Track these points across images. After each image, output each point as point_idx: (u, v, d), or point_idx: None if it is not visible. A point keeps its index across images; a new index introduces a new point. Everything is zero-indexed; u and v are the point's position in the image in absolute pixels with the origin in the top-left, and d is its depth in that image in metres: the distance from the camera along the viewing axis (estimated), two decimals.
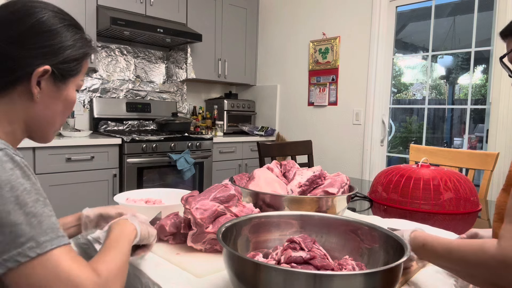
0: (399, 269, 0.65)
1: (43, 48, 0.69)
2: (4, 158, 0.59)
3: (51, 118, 0.75)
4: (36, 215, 0.58)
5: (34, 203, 0.59)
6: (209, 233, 0.92)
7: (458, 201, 1.46)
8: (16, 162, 0.60)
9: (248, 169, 3.66)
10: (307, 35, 3.61)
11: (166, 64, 3.73)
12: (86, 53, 0.76)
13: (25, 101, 0.70)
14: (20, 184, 0.58)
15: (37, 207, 0.59)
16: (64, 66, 0.72)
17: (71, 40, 0.73)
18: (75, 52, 0.73)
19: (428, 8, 2.95)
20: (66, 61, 0.72)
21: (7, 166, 0.58)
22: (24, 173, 0.60)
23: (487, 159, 1.91)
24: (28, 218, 0.57)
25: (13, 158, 0.60)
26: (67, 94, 0.75)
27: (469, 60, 2.75)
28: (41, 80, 0.70)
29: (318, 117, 3.55)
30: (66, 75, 0.73)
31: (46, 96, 0.72)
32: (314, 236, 0.85)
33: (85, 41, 0.76)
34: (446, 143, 4.18)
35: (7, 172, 0.58)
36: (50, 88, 0.72)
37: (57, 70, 0.71)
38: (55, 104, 0.74)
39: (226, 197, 0.97)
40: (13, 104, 0.70)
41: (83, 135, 2.79)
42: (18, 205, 0.57)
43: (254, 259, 0.67)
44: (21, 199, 0.58)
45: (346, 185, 1.19)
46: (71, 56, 0.73)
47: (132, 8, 3.07)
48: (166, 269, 0.87)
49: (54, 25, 0.70)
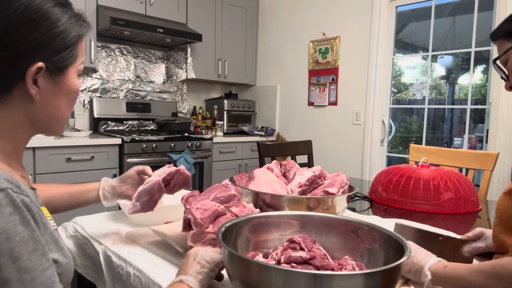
0: (399, 269, 0.65)
1: (31, 42, 0.60)
2: (4, 201, 0.53)
3: (57, 114, 0.69)
4: (30, 270, 0.53)
5: (30, 255, 0.54)
6: (209, 233, 0.92)
7: (458, 201, 1.46)
8: (17, 206, 0.54)
9: (248, 169, 3.66)
10: (307, 35, 3.61)
11: (166, 64, 3.73)
12: (79, 36, 0.67)
13: (25, 104, 0.64)
14: (17, 233, 0.53)
15: (32, 259, 0.54)
16: (58, 57, 0.64)
17: (60, 25, 0.63)
18: (67, 38, 0.64)
19: (428, 8, 2.95)
20: (59, 50, 0.64)
21: (6, 211, 0.53)
22: (24, 219, 0.54)
23: (487, 159, 1.91)
24: (20, 274, 0.52)
25: (14, 201, 0.54)
26: (68, 84, 0.68)
27: (469, 60, 2.74)
28: (37, 78, 0.62)
29: (318, 117, 3.55)
30: (62, 66, 0.65)
31: (46, 94, 0.65)
32: (314, 236, 0.85)
33: (75, 21, 0.66)
34: (446, 143, 4.18)
35: (5, 219, 0.52)
36: (49, 84, 0.65)
37: (51, 63, 0.63)
38: (57, 99, 0.67)
39: (226, 197, 0.97)
40: (12, 110, 0.64)
41: (83, 135, 2.79)
42: (11, 259, 0.52)
43: (254, 259, 0.67)
44: (16, 251, 0.52)
45: (346, 185, 1.19)
46: (63, 43, 0.64)
47: (132, 8, 3.07)
48: (166, 269, 0.87)
49: (36, 12, 0.60)
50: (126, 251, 0.97)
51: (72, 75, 0.68)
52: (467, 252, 0.91)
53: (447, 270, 0.73)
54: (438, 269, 0.74)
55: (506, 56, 0.86)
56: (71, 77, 0.68)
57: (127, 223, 1.20)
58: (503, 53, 0.86)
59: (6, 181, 0.55)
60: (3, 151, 0.64)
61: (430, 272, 0.74)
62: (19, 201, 0.54)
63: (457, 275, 0.70)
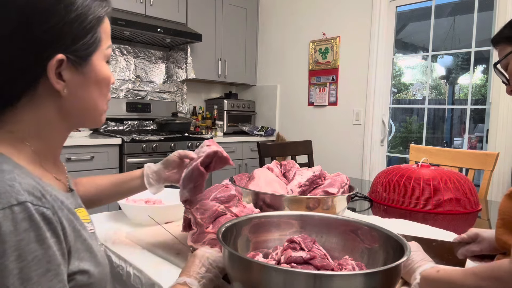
0: (399, 269, 0.65)
1: (45, 34, 0.55)
2: (21, 216, 0.49)
3: (90, 105, 0.64)
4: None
5: (40, 277, 0.50)
6: (209, 233, 0.92)
7: (458, 201, 1.46)
8: (34, 222, 0.50)
9: (248, 169, 3.66)
10: (307, 35, 3.61)
11: (166, 64, 3.73)
12: (99, 18, 0.60)
13: (53, 101, 0.59)
14: (29, 252, 0.49)
15: (42, 282, 0.50)
16: (78, 45, 0.58)
17: (75, 9, 0.57)
18: (84, 23, 0.58)
19: (428, 8, 2.95)
20: (78, 38, 0.58)
21: (21, 227, 0.49)
22: (40, 236, 0.50)
23: (487, 159, 1.91)
24: None
25: (32, 217, 0.50)
26: (96, 73, 0.62)
27: (469, 60, 2.74)
28: (61, 71, 0.58)
29: (318, 117, 3.55)
30: (85, 54, 0.60)
31: (74, 86, 0.60)
32: (314, 236, 0.85)
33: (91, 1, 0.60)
34: (446, 143, 4.18)
35: (19, 236, 0.48)
36: (75, 76, 0.59)
37: (72, 53, 0.58)
38: (87, 90, 0.62)
39: (226, 197, 0.97)
40: (41, 108, 0.59)
41: (83, 135, 2.79)
42: (20, 280, 0.48)
43: (254, 259, 0.67)
44: (26, 272, 0.48)
45: (346, 185, 1.19)
46: (82, 29, 0.58)
47: (132, 8, 3.07)
48: (166, 269, 0.87)
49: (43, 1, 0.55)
50: (126, 251, 0.97)
51: (99, 62, 0.62)
52: (461, 255, 0.91)
53: (439, 274, 0.72)
54: (430, 274, 0.73)
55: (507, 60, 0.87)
56: (98, 64, 0.62)
57: (127, 223, 1.20)
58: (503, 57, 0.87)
59: (27, 193, 0.51)
60: (36, 152, 0.61)
61: (421, 276, 0.74)
62: (37, 215, 0.51)
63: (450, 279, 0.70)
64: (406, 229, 1.16)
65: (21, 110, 0.59)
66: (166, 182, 1.01)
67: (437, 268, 0.75)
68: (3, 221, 0.48)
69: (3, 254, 0.47)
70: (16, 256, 0.48)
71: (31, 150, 0.60)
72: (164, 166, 1.00)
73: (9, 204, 0.49)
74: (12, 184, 0.51)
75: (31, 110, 0.59)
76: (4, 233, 0.48)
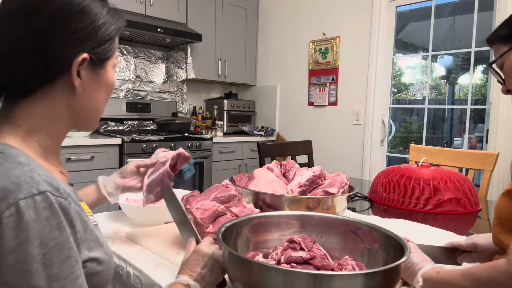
0: (399, 269, 0.65)
1: (75, 34, 0.61)
2: (42, 205, 0.52)
3: (96, 106, 0.69)
4: (60, 278, 0.52)
5: (62, 262, 0.53)
6: (209, 233, 0.92)
7: (458, 201, 1.46)
8: (54, 210, 0.53)
9: (248, 169, 3.66)
10: (307, 35, 3.61)
11: (166, 64, 3.73)
12: (118, 29, 0.68)
13: (66, 96, 0.64)
14: (51, 239, 0.52)
15: (63, 267, 0.53)
16: (100, 49, 0.65)
17: (102, 17, 0.64)
18: (108, 31, 0.65)
19: (428, 8, 2.95)
20: (102, 42, 0.65)
21: (43, 215, 0.52)
22: (60, 223, 0.53)
23: (487, 159, 1.91)
24: (50, 282, 0.51)
25: (52, 205, 0.53)
26: (107, 78, 0.69)
27: (469, 60, 2.75)
28: (80, 69, 0.63)
29: (318, 117, 3.55)
30: (104, 58, 0.66)
31: (87, 86, 0.65)
32: (314, 236, 0.85)
33: (113, 14, 0.67)
34: (446, 143, 4.18)
35: (41, 223, 0.51)
36: (91, 76, 0.65)
37: (95, 55, 0.64)
38: (97, 92, 0.68)
39: (226, 197, 0.97)
40: (53, 101, 0.63)
41: (83, 135, 2.79)
42: (43, 265, 0.51)
43: (254, 259, 0.67)
44: (48, 257, 0.51)
45: (346, 185, 1.19)
46: (105, 35, 0.65)
47: (132, 8, 3.07)
48: (166, 269, 0.87)
49: (81, 5, 0.62)
50: (126, 251, 0.97)
51: (110, 68, 0.69)
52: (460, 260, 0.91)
53: (439, 275, 0.73)
54: (430, 275, 0.74)
55: (502, 60, 0.87)
56: (109, 70, 0.69)
57: (127, 223, 1.20)
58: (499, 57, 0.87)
59: (46, 184, 0.54)
60: (43, 146, 0.64)
61: (422, 278, 0.75)
62: (57, 205, 0.54)
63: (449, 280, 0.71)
64: (406, 229, 1.16)
65: (33, 103, 0.63)
66: (124, 191, 1.01)
67: (437, 269, 0.75)
68: (26, 210, 0.51)
69: (27, 241, 0.50)
70: (39, 242, 0.51)
71: (38, 144, 0.64)
72: (121, 175, 0.99)
73: (31, 194, 0.52)
74: (32, 175, 0.54)
75: (43, 104, 0.63)
76: (27, 221, 0.50)
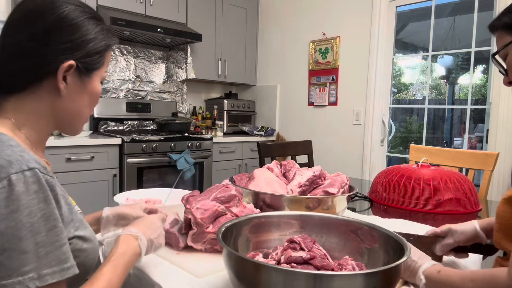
0: (399, 269, 0.65)
1: (66, 43, 0.69)
2: (31, 179, 0.59)
3: (79, 111, 0.76)
4: (46, 245, 0.58)
5: (48, 231, 0.59)
6: (209, 233, 0.92)
7: (458, 201, 1.46)
8: (42, 185, 0.60)
9: (248, 169, 3.66)
10: (307, 35, 3.61)
11: (166, 64, 3.73)
12: (108, 45, 0.77)
13: (52, 97, 0.71)
14: (39, 210, 0.58)
15: (49, 235, 0.59)
16: (88, 59, 0.73)
17: (93, 33, 0.73)
18: (97, 45, 0.74)
19: (428, 8, 2.95)
20: (90, 54, 0.73)
21: (32, 188, 0.58)
22: (47, 197, 0.60)
23: (487, 159, 1.91)
24: (37, 247, 0.57)
25: (40, 181, 0.60)
26: (92, 86, 0.76)
27: (469, 60, 2.74)
28: (67, 75, 0.71)
29: (318, 117, 3.55)
30: (90, 68, 0.74)
31: (72, 91, 0.73)
32: (314, 236, 0.85)
33: (106, 33, 0.76)
34: (446, 143, 4.18)
35: (30, 196, 0.58)
36: (76, 82, 0.73)
37: (81, 64, 0.72)
38: (81, 98, 0.75)
39: (227, 197, 0.97)
40: (40, 100, 0.71)
41: (83, 135, 2.79)
42: (31, 232, 0.57)
43: (254, 259, 0.67)
44: (36, 226, 0.58)
45: (346, 185, 1.19)
46: (94, 49, 0.73)
47: (132, 8, 3.07)
48: (166, 269, 0.87)
49: (75, 19, 0.71)
50: None
51: (96, 79, 0.76)
52: (439, 251, 0.94)
53: (440, 275, 0.74)
54: (431, 273, 0.75)
55: (506, 51, 0.83)
56: (95, 80, 0.76)
57: None
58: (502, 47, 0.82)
59: (35, 162, 0.61)
60: (29, 139, 0.71)
61: (424, 276, 0.75)
62: (44, 181, 0.60)
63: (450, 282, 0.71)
64: (406, 229, 1.16)
65: (23, 100, 0.71)
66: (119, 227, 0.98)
67: (438, 268, 0.75)
68: (17, 183, 0.57)
69: (17, 210, 0.57)
70: (27, 212, 0.57)
71: (26, 137, 0.71)
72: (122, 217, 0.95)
73: (21, 169, 0.59)
74: (22, 155, 0.61)
75: (31, 101, 0.71)
76: (17, 192, 0.57)
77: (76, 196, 2.89)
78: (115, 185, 2.76)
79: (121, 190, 2.77)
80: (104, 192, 2.70)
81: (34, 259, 0.57)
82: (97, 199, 2.65)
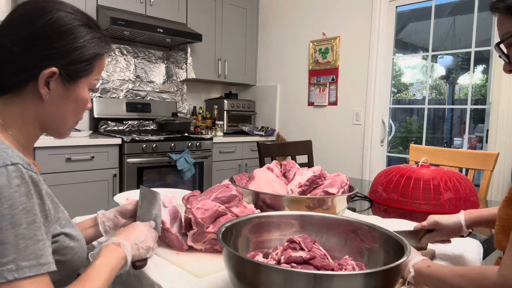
0: (399, 269, 0.65)
1: (50, 50, 0.69)
2: (14, 174, 0.60)
3: (62, 117, 0.76)
4: (26, 237, 0.59)
5: (28, 224, 0.59)
6: (210, 233, 0.92)
7: (458, 201, 1.46)
8: (24, 180, 0.61)
9: (248, 169, 3.66)
10: (307, 35, 3.61)
11: (166, 64, 3.73)
12: (97, 54, 0.76)
13: (36, 101, 0.72)
14: (20, 203, 0.59)
15: (29, 229, 0.59)
16: (72, 67, 0.72)
17: (81, 41, 0.72)
18: (85, 53, 0.73)
19: (428, 8, 2.95)
20: (75, 62, 0.72)
21: (14, 182, 0.59)
22: (29, 192, 0.61)
23: (487, 159, 1.91)
24: (16, 239, 0.58)
25: (23, 175, 0.60)
26: (77, 94, 0.75)
27: (469, 60, 2.74)
28: (50, 81, 0.71)
29: (318, 117, 3.55)
30: (75, 76, 0.73)
31: (55, 97, 0.73)
32: (314, 236, 0.85)
33: (97, 41, 0.75)
34: (446, 143, 4.18)
35: (12, 189, 0.59)
36: (59, 89, 0.72)
37: (65, 71, 0.71)
38: (65, 104, 0.75)
39: (227, 197, 0.97)
40: (25, 104, 0.72)
41: (83, 135, 2.79)
42: (11, 224, 0.58)
43: (254, 259, 0.67)
44: (17, 218, 0.58)
45: (346, 185, 1.19)
46: (80, 57, 0.72)
47: (132, 8, 3.07)
48: (166, 269, 0.87)
49: (63, 26, 0.70)
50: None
51: (83, 86, 0.76)
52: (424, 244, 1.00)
53: (429, 269, 0.76)
54: (421, 268, 0.77)
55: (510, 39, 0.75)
56: (82, 87, 0.76)
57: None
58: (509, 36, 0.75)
59: (19, 158, 0.62)
60: (16, 140, 0.72)
61: (414, 269, 0.77)
62: (27, 176, 0.61)
63: (439, 276, 0.73)
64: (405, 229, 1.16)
65: (10, 102, 0.71)
66: None
67: (428, 263, 0.77)
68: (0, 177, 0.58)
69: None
70: (9, 204, 0.58)
71: (13, 138, 0.72)
72: (121, 214, 0.97)
73: (5, 164, 0.60)
74: (6, 151, 0.62)
75: (17, 104, 0.72)
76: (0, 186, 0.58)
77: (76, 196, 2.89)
78: (115, 185, 2.76)
79: (121, 190, 2.77)
80: (104, 192, 2.70)
81: (13, 250, 0.57)
82: (97, 199, 2.65)
